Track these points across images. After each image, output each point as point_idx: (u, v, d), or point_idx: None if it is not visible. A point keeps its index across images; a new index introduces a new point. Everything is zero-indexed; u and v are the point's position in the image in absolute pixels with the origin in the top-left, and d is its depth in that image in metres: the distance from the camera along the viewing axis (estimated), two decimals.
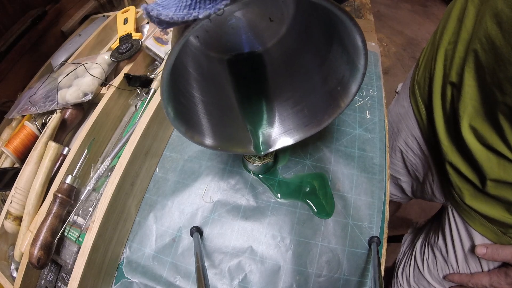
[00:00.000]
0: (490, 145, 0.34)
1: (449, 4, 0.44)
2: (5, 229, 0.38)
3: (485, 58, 0.32)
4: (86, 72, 0.47)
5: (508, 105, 0.30)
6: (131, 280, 0.36)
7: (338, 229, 0.38)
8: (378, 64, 0.58)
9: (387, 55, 1.87)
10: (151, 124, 0.41)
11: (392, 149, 0.60)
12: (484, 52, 0.32)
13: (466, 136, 0.37)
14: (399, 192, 0.66)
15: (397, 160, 0.59)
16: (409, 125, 0.53)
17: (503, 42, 0.29)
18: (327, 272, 0.35)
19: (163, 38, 0.54)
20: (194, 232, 0.37)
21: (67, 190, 0.36)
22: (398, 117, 0.57)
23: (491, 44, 0.31)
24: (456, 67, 0.38)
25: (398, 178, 0.62)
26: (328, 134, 0.46)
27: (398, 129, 0.57)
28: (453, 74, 0.39)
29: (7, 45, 0.56)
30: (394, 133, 0.58)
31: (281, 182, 0.42)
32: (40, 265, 0.31)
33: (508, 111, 0.31)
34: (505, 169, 0.34)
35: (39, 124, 0.46)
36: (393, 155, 0.60)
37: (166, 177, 0.44)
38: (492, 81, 0.32)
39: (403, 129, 0.55)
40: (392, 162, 0.61)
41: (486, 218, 0.39)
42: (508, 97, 0.30)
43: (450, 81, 0.39)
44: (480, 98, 0.35)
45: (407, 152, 0.56)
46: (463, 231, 0.44)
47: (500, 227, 0.38)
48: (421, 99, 0.49)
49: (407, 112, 0.53)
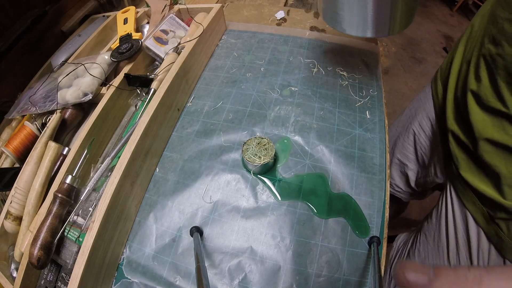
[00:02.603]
0: (487, 105, 0.39)
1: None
2: (5, 229, 0.38)
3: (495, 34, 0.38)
4: (86, 72, 0.47)
5: (503, 57, 0.36)
6: (131, 280, 0.36)
7: (338, 229, 0.38)
8: (378, 64, 0.58)
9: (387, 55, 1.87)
10: (151, 124, 0.41)
11: (406, 132, 0.64)
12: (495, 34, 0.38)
13: (469, 102, 0.42)
14: (403, 183, 0.68)
15: (408, 144, 0.64)
16: (426, 107, 0.59)
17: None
18: (327, 272, 0.35)
19: (163, 38, 0.54)
20: (194, 232, 0.37)
21: (67, 190, 0.36)
22: (418, 101, 0.63)
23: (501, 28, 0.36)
24: (472, 50, 0.44)
25: (405, 164, 0.66)
26: (328, 134, 0.46)
27: (415, 112, 0.62)
28: (469, 54, 0.45)
29: (7, 45, 0.56)
30: (411, 116, 0.64)
31: (281, 182, 0.42)
32: (40, 265, 0.31)
33: (503, 65, 0.36)
34: (498, 129, 0.38)
35: (39, 124, 0.46)
36: (405, 138, 0.64)
37: (166, 177, 0.44)
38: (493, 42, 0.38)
39: (420, 112, 0.61)
40: (404, 146, 0.65)
41: (478, 196, 0.42)
42: (501, 49, 0.36)
43: (467, 60, 0.45)
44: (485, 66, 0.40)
45: (420, 135, 0.61)
46: (457, 211, 0.46)
47: (489, 209, 0.40)
48: (440, 81, 0.54)
49: (427, 96, 0.59)
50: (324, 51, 0.60)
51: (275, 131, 0.47)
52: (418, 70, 1.75)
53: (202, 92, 0.54)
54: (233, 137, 0.47)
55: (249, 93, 0.53)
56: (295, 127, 0.47)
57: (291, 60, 0.58)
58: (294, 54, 0.60)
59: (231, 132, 0.47)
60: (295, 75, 0.55)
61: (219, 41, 0.64)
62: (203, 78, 0.57)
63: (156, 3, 0.63)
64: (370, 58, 0.59)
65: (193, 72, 0.54)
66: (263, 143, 0.41)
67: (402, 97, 1.61)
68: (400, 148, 0.66)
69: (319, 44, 0.62)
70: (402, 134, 0.65)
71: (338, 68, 0.57)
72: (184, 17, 0.64)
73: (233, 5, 0.78)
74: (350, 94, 0.52)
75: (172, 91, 0.46)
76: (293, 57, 0.59)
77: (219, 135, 0.47)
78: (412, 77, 1.72)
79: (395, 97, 1.61)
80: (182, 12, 0.63)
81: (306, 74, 0.55)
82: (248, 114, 0.50)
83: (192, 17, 0.60)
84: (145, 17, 0.65)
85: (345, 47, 0.61)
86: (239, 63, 0.58)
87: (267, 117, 0.49)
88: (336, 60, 0.58)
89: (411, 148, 0.63)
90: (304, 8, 0.75)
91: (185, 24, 0.59)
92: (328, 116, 0.49)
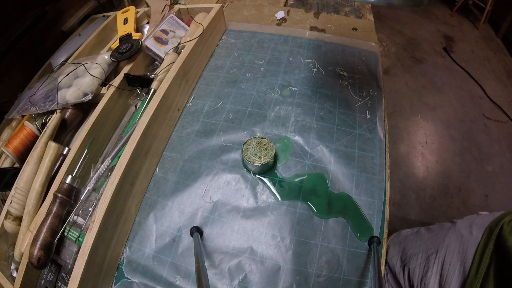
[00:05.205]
0: None
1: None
2: (5, 229, 0.38)
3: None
4: (86, 72, 0.47)
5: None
6: (131, 280, 0.36)
7: (338, 229, 0.38)
8: (378, 64, 0.58)
9: (387, 55, 1.86)
10: (151, 124, 0.41)
11: (421, 259, 0.49)
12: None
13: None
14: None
15: (416, 272, 0.48)
16: (461, 251, 0.45)
17: None
18: (327, 272, 0.35)
19: (163, 38, 0.54)
20: (194, 232, 0.37)
21: (67, 190, 0.36)
22: (454, 237, 0.47)
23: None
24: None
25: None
26: (328, 134, 0.46)
27: (445, 248, 0.47)
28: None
29: (7, 45, 0.56)
30: (436, 248, 0.48)
31: (281, 182, 0.42)
32: (40, 265, 0.31)
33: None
34: None
35: (39, 124, 0.46)
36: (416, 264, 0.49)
37: (166, 177, 0.44)
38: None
39: (451, 251, 0.46)
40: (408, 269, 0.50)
41: None
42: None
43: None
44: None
45: (434, 275, 0.46)
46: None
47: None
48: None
49: (470, 239, 0.45)
50: (324, 51, 0.60)
51: (275, 131, 0.47)
52: (418, 70, 1.75)
53: (202, 92, 0.54)
54: (233, 137, 0.47)
55: (249, 93, 0.53)
56: (295, 127, 0.47)
57: (291, 60, 0.58)
58: (294, 54, 0.60)
59: (231, 132, 0.47)
60: (295, 75, 0.55)
61: (219, 41, 0.64)
62: (203, 78, 0.57)
63: (156, 3, 0.63)
64: (370, 58, 0.59)
65: (193, 72, 0.54)
66: (263, 143, 0.41)
67: (402, 97, 1.61)
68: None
69: (319, 44, 0.62)
70: (414, 257, 0.50)
71: (338, 68, 0.57)
72: (184, 17, 0.64)
73: (233, 5, 0.78)
74: (350, 94, 0.52)
75: (172, 91, 0.46)
76: (293, 57, 0.59)
77: (219, 135, 0.47)
78: (412, 77, 1.72)
79: (395, 97, 1.61)
80: (182, 12, 0.63)
81: (306, 74, 0.55)
82: (248, 114, 0.50)
83: (192, 17, 0.60)
84: (145, 17, 0.65)
85: (345, 47, 0.61)
86: (239, 63, 0.58)
87: (267, 117, 0.49)
88: (336, 60, 0.58)
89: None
90: (304, 8, 0.75)
91: (185, 24, 0.59)
92: (328, 116, 0.49)
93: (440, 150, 1.37)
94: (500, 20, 1.95)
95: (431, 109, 1.54)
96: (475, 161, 1.33)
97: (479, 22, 2.03)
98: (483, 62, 1.81)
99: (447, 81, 1.68)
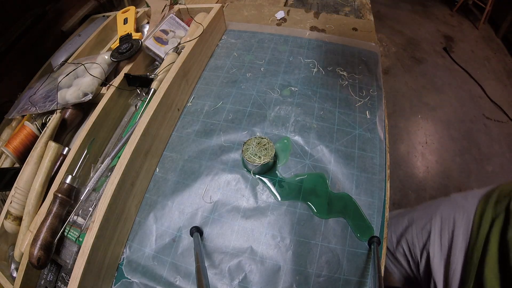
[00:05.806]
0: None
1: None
2: (5, 229, 0.38)
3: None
4: (86, 72, 0.47)
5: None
6: (131, 280, 0.36)
7: (338, 229, 0.38)
8: (378, 64, 0.58)
9: (387, 55, 1.86)
10: (151, 124, 0.41)
11: (419, 227, 0.52)
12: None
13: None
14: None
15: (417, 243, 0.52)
16: (458, 219, 0.48)
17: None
18: (327, 272, 0.35)
19: (163, 38, 0.54)
20: (194, 232, 0.37)
21: (67, 190, 0.36)
22: (450, 206, 0.50)
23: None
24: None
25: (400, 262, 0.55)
26: (328, 134, 0.46)
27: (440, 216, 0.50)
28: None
29: (7, 45, 0.56)
30: (431, 217, 0.51)
31: (281, 182, 0.42)
32: (40, 265, 0.31)
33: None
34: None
35: (39, 124, 0.46)
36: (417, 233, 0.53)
37: (166, 177, 0.44)
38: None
39: (447, 219, 0.49)
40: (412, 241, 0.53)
41: None
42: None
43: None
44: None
45: (433, 243, 0.49)
46: None
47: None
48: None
49: (467, 208, 0.48)
50: (324, 51, 0.60)
51: (275, 131, 0.47)
52: (418, 70, 1.75)
53: (202, 92, 0.54)
54: (233, 137, 0.47)
55: (249, 93, 0.53)
56: (295, 127, 0.47)
57: (291, 60, 0.58)
58: (294, 54, 0.60)
59: (231, 132, 0.47)
60: (295, 75, 0.55)
61: (219, 41, 0.64)
62: (203, 78, 0.57)
63: (156, 3, 0.63)
64: (370, 58, 0.59)
65: (193, 72, 0.54)
66: (263, 143, 0.41)
67: (402, 97, 1.61)
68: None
69: (319, 44, 0.62)
70: (414, 225, 0.53)
71: (338, 68, 0.57)
72: (184, 17, 0.64)
73: (233, 5, 0.78)
74: (350, 94, 0.52)
75: (172, 91, 0.46)
76: (293, 57, 0.59)
77: (219, 135, 0.47)
78: (412, 77, 1.72)
79: (395, 97, 1.61)
80: (182, 12, 0.63)
81: (306, 74, 0.55)
82: (248, 114, 0.50)
83: (192, 17, 0.60)
84: (145, 17, 0.65)
85: (345, 47, 0.61)
86: (239, 63, 0.58)
87: (267, 117, 0.49)
88: (336, 60, 0.58)
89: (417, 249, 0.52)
90: (304, 8, 0.75)
91: (185, 24, 0.59)
92: (328, 116, 0.49)
93: (440, 150, 1.37)
94: (500, 20, 1.96)
95: (431, 109, 1.54)
96: (475, 161, 1.33)
97: (479, 22, 2.03)
98: (483, 62, 1.81)
99: (447, 81, 1.68)
